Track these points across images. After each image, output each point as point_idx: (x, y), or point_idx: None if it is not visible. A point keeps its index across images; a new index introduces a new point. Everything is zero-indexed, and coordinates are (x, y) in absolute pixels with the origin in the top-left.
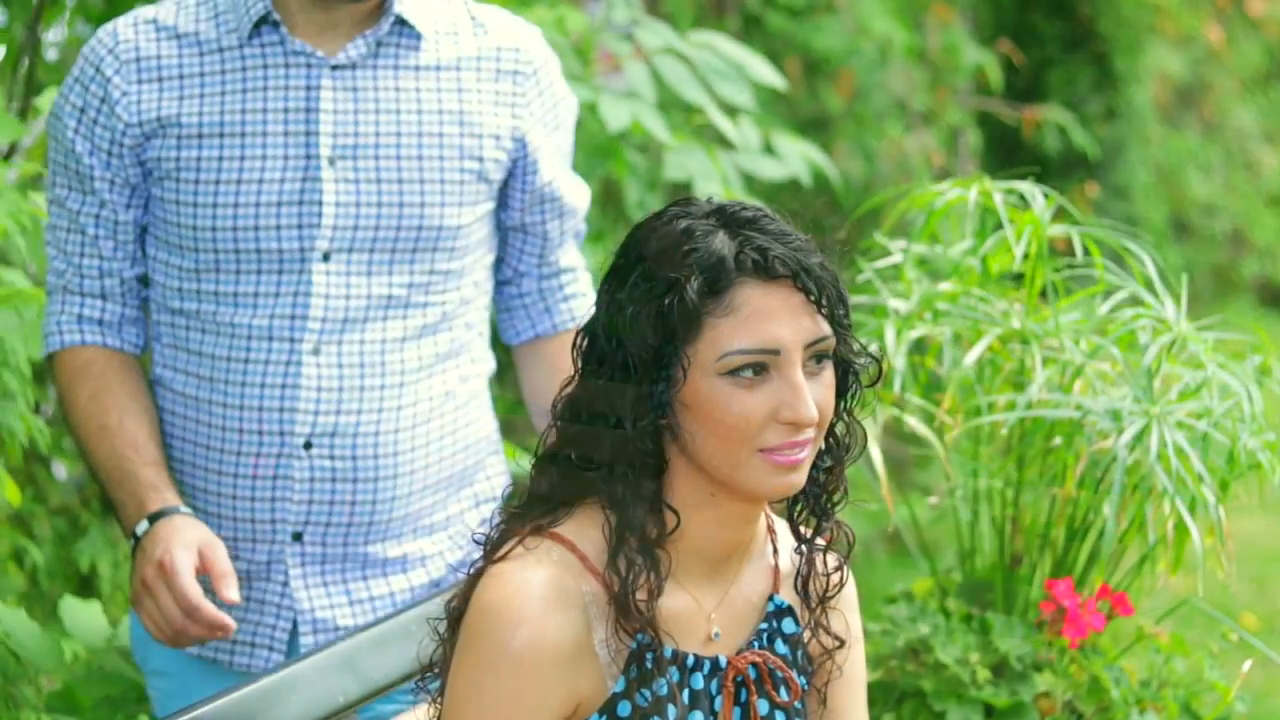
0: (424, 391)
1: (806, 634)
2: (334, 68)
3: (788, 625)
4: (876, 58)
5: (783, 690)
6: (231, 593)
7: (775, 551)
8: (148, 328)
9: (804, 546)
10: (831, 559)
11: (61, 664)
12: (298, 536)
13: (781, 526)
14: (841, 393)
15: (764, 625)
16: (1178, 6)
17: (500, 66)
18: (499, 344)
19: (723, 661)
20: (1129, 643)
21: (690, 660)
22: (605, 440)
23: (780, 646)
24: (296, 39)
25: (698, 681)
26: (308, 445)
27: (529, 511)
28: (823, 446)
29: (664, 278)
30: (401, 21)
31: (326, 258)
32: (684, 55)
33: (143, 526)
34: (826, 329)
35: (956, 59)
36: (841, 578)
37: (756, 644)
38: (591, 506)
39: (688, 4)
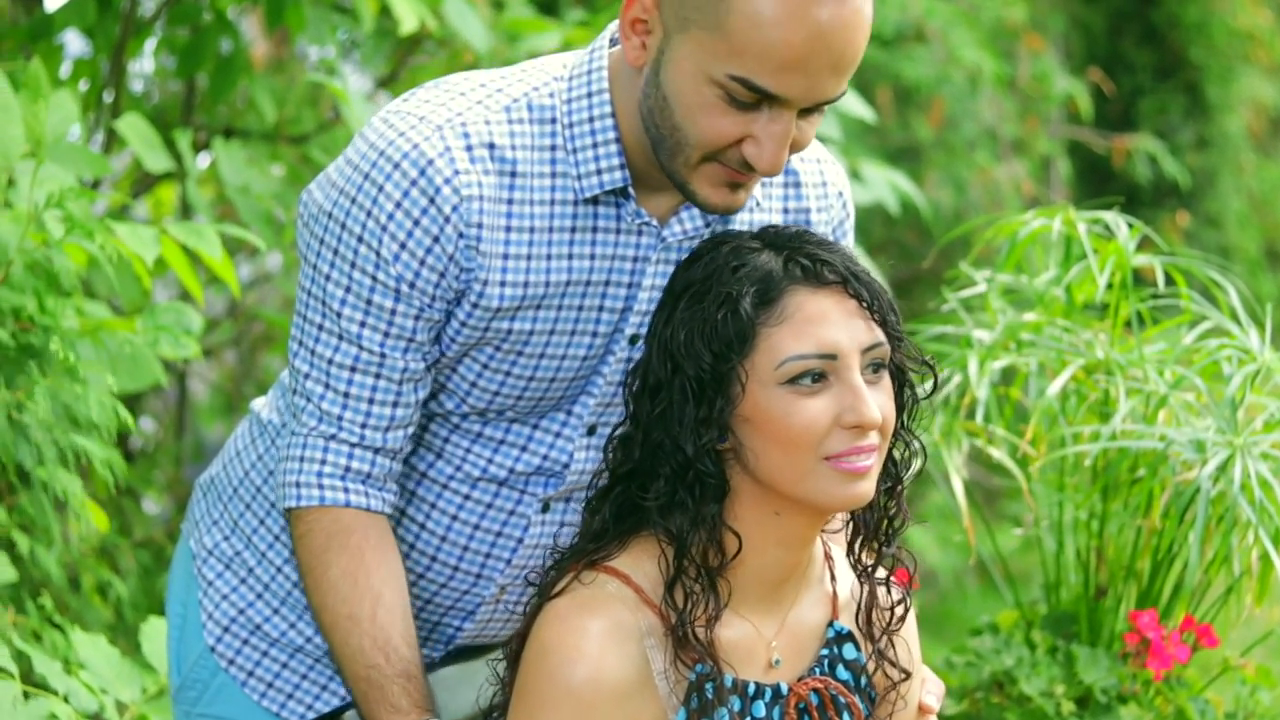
0: None
1: (870, 664)
2: (664, 240)
3: (849, 651)
4: (966, 87)
5: (846, 716)
6: None
7: (833, 579)
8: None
9: (865, 579)
10: (894, 591)
11: (141, 693)
12: (447, 655)
13: (838, 554)
14: (899, 409)
15: (825, 651)
16: (1270, 34)
17: (812, 230)
18: None
19: (784, 689)
20: (1215, 674)
21: (751, 688)
22: (665, 467)
23: (842, 672)
24: (632, 202)
25: (759, 709)
26: (502, 590)
27: (583, 549)
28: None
29: (714, 295)
30: None
31: (592, 431)
32: None
33: None
34: (881, 335)
35: (1047, 88)
36: (905, 609)
37: (818, 670)
38: (645, 539)
39: None
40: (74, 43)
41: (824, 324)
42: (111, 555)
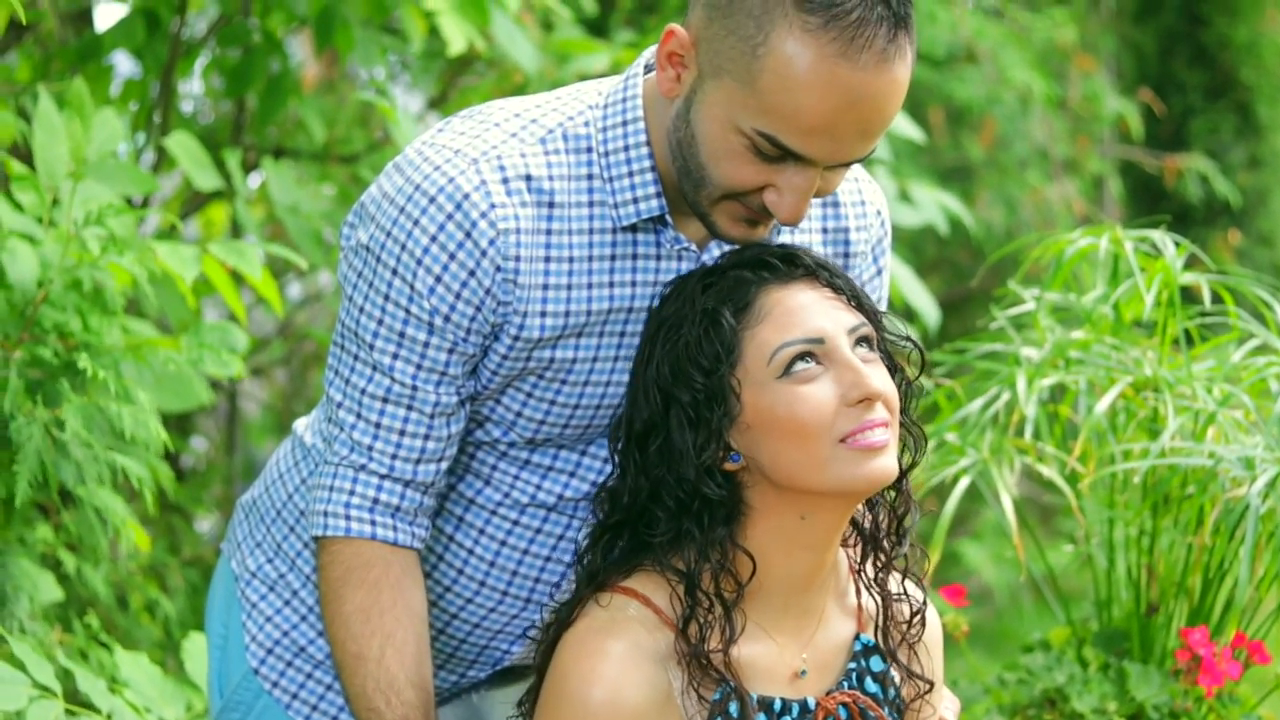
0: None
1: (898, 675)
2: (704, 264)
3: (876, 663)
4: (1017, 107)
5: None
6: None
7: (858, 591)
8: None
9: (879, 590)
10: (912, 600)
11: (185, 711)
12: (495, 674)
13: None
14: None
15: (852, 665)
16: None
17: (851, 250)
18: None
19: (811, 703)
20: (1267, 691)
21: (777, 704)
22: (669, 501)
23: (870, 685)
24: (670, 229)
25: None
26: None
27: (582, 594)
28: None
29: (691, 318)
30: None
31: None
32: None
33: None
34: (861, 317)
35: (1098, 108)
36: (923, 621)
37: (845, 684)
38: (653, 571)
39: None
40: (124, 64)
41: (804, 312)
42: (160, 574)
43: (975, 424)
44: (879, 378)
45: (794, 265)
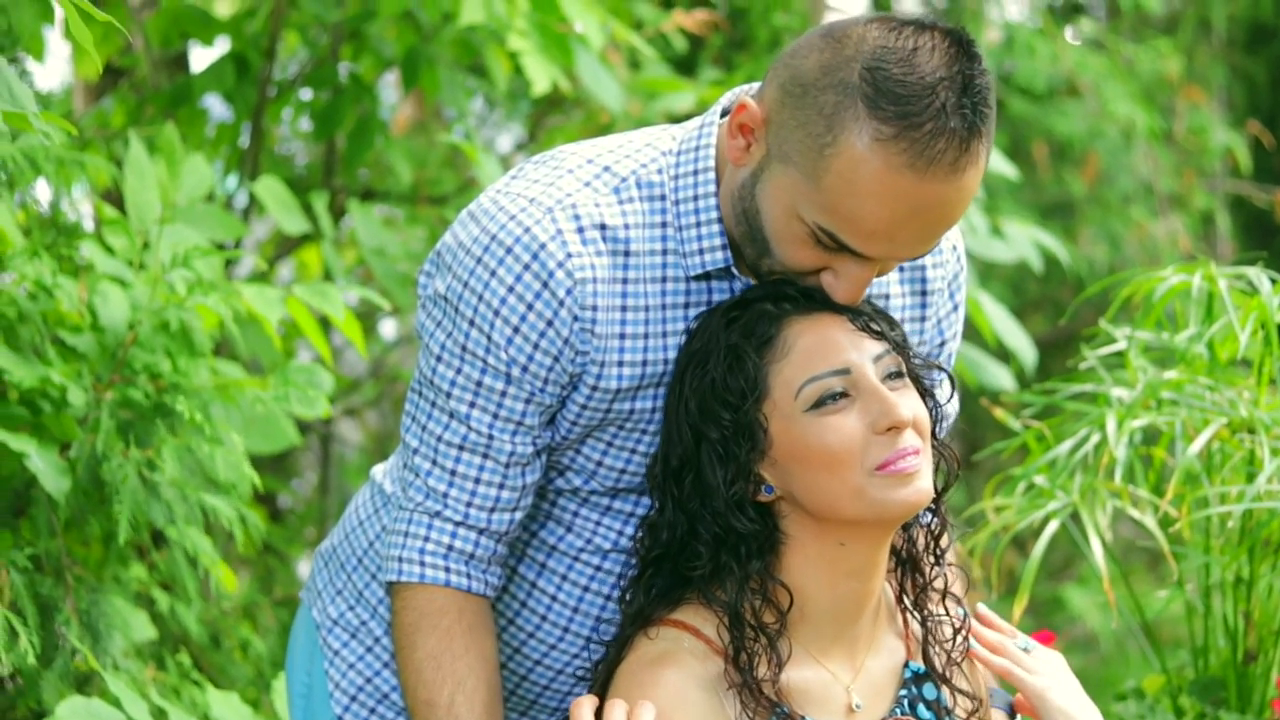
0: None
1: (950, 699)
2: None
3: (928, 691)
4: (1120, 141)
5: None
6: None
7: (906, 621)
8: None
9: (920, 616)
10: (953, 620)
11: None
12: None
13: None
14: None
15: (904, 692)
16: None
17: (928, 287)
18: None
19: None
20: None
21: None
22: (706, 535)
23: (923, 711)
24: (741, 275)
25: None
26: None
27: (629, 634)
28: None
29: (716, 355)
30: None
31: None
32: None
33: None
34: (886, 345)
35: (1205, 141)
36: (966, 637)
37: (899, 711)
38: (698, 603)
39: None
40: (218, 107)
41: (829, 344)
42: (252, 613)
43: (1064, 466)
44: (908, 405)
45: (816, 295)
